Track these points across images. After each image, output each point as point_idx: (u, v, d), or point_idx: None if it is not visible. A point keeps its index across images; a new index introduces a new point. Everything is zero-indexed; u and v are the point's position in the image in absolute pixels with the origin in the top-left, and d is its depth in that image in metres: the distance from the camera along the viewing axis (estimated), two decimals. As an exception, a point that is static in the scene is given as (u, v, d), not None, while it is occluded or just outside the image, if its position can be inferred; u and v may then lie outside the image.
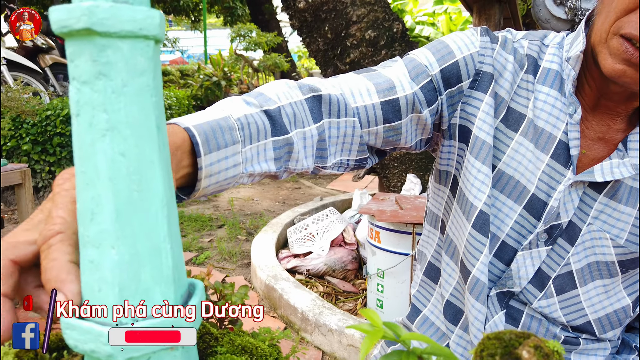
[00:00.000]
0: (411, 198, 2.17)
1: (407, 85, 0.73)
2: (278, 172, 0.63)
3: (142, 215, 0.34)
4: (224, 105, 0.59)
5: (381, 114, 0.71)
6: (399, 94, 0.72)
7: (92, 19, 0.30)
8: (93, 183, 0.33)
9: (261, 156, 0.59)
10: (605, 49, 0.66)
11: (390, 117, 0.72)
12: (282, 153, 0.61)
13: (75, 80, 0.32)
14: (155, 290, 0.35)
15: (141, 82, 0.33)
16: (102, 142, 0.32)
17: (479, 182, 0.77)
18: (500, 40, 0.78)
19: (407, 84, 0.73)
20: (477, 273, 0.78)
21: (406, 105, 0.72)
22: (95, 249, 0.33)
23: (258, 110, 0.59)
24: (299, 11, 2.66)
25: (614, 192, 0.75)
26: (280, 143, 0.60)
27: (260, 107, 0.60)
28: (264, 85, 0.65)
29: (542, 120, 0.76)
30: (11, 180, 2.21)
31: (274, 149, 0.59)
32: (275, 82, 0.67)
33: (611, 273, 0.78)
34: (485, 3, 2.04)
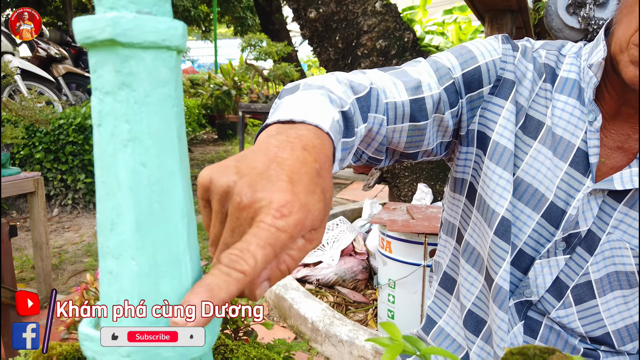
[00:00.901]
0: (422, 208, 2.16)
1: (435, 85, 0.73)
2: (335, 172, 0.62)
3: (163, 226, 0.34)
4: (321, 101, 0.55)
5: (409, 111, 0.71)
6: (425, 93, 0.72)
7: (116, 29, 0.30)
8: (114, 193, 0.33)
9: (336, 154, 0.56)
10: (626, 57, 0.66)
11: (417, 116, 0.72)
12: (345, 154, 0.60)
13: (97, 90, 0.32)
14: (174, 302, 0.34)
15: (163, 92, 0.33)
16: (123, 152, 0.32)
17: (501, 188, 0.76)
18: (521, 49, 0.78)
19: (434, 83, 0.73)
20: (500, 280, 0.78)
21: (432, 105, 0.73)
22: (115, 259, 0.33)
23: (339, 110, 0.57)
24: (310, 21, 2.67)
25: (634, 202, 0.74)
26: (347, 145, 0.59)
27: (340, 107, 0.57)
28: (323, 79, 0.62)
29: (560, 128, 0.76)
30: (24, 188, 2.23)
31: (342, 150, 0.58)
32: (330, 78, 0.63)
33: (631, 284, 0.77)
34: (498, 13, 2.04)
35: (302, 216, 0.36)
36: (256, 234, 0.34)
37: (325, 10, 2.60)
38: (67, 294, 2.58)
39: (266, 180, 0.37)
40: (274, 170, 0.38)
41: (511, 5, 1.94)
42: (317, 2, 2.60)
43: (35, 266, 2.39)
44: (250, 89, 7.62)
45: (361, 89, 0.65)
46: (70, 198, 4.13)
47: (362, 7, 2.59)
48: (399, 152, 0.77)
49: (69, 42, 6.95)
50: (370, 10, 2.60)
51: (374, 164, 0.77)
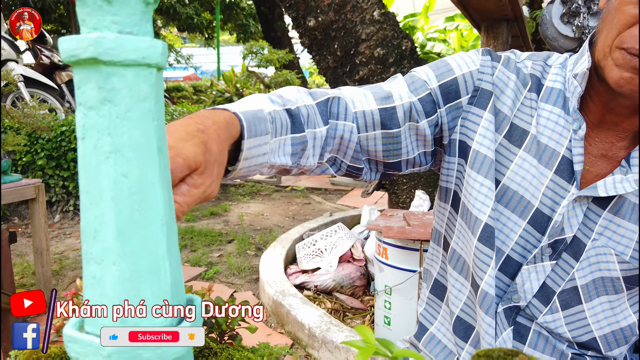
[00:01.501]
0: (419, 214, 2.17)
1: (405, 96, 0.77)
2: (292, 166, 0.68)
3: (143, 234, 0.35)
4: (254, 99, 0.65)
5: (379, 119, 0.75)
6: (396, 102, 0.77)
7: (98, 49, 0.32)
8: (97, 202, 0.35)
9: (281, 150, 0.64)
10: (610, 61, 0.68)
11: (388, 124, 0.76)
12: (298, 149, 0.67)
13: (82, 105, 0.34)
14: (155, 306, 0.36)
15: (144, 107, 0.35)
16: (105, 164, 0.34)
17: (483, 195, 0.78)
18: (503, 60, 0.81)
19: (405, 94, 0.77)
20: (485, 286, 0.79)
21: (403, 113, 0.76)
22: (98, 265, 0.35)
23: (281, 108, 0.66)
24: (309, 29, 2.70)
25: (618, 208, 0.76)
26: (297, 140, 0.66)
27: (283, 106, 0.66)
28: (280, 89, 0.72)
29: (545, 137, 0.78)
30: (25, 195, 2.25)
31: (292, 144, 0.66)
32: (288, 88, 0.73)
33: (616, 289, 0.78)
34: (493, 22, 2.06)
35: (172, 154, 0.45)
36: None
37: (324, 19, 2.63)
38: (66, 300, 2.60)
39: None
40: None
41: (506, 14, 1.96)
42: (316, 10, 2.63)
43: (36, 272, 2.41)
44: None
45: (321, 96, 0.73)
46: (72, 204, 4.16)
47: (360, 15, 2.62)
48: (381, 162, 0.79)
49: (72, 49, 7.00)
50: (368, 19, 2.62)
51: (355, 173, 0.79)
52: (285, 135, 0.65)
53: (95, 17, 0.33)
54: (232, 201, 5.22)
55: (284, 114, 0.65)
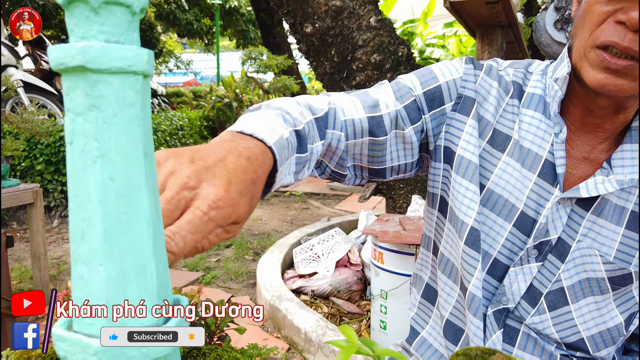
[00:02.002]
0: (415, 219, 2.18)
1: (392, 104, 0.79)
2: (291, 184, 0.68)
3: (129, 235, 0.37)
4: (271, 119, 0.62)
5: (367, 127, 0.77)
6: (383, 111, 0.78)
7: (85, 57, 0.33)
8: (84, 205, 0.36)
9: (287, 170, 0.64)
10: (585, 63, 0.70)
11: (376, 131, 0.77)
12: (300, 168, 0.67)
13: (70, 111, 0.35)
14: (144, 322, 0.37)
15: (130, 113, 0.36)
16: (92, 168, 0.35)
17: (468, 199, 0.80)
18: (485, 68, 0.83)
19: (392, 103, 0.79)
20: (473, 289, 0.80)
21: (390, 121, 0.78)
22: (85, 266, 0.36)
23: (292, 129, 0.65)
24: (306, 36, 2.72)
25: (601, 210, 0.78)
26: (301, 159, 0.66)
27: (293, 127, 0.65)
28: (283, 101, 0.70)
29: (527, 141, 0.80)
30: (23, 199, 2.26)
31: (296, 164, 0.65)
32: (291, 102, 0.71)
33: (602, 290, 0.79)
34: (488, 28, 2.08)
35: (231, 211, 0.43)
36: (190, 221, 0.41)
37: (321, 25, 2.65)
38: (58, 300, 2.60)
39: (211, 175, 0.44)
40: (219, 169, 0.45)
41: (501, 21, 1.98)
42: (313, 17, 2.66)
43: (34, 277, 2.42)
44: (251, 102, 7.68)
45: (319, 111, 0.73)
46: (71, 209, 4.16)
47: (357, 22, 2.64)
48: (366, 168, 0.81)
49: (72, 55, 7.03)
50: (365, 25, 2.65)
51: (338, 178, 0.81)
52: (292, 155, 0.64)
53: (83, 26, 0.34)
54: (231, 206, 5.23)
55: (293, 136, 0.64)
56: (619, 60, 0.66)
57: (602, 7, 0.67)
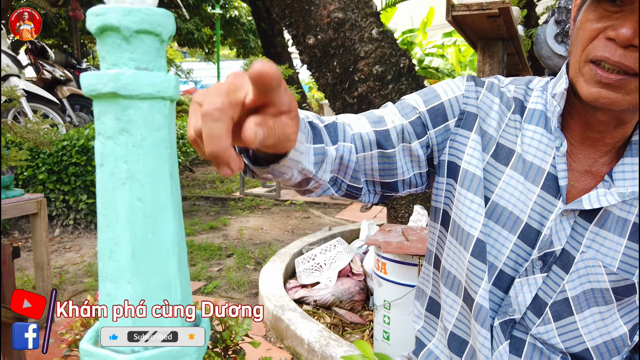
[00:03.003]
0: (417, 229, 2.19)
1: (397, 119, 0.82)
2: (314, 176, 0.68)
3: (156, 254, 0.38)
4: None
5: (375, 139, 0.79)
6: (389, 125, 0.81)
7: (117, 84, 0.35)
8: (113, 225, 0.37)
9: (308, 156, 0.65)
10: (580, 78, 0.73)
11: (384, 144, 0.79)
12: (319, 159, 0.68)
13: (100, 135, 0.37)
14: (165, 322, 0.39)
15: (158, 136, 0.37)
16: (122, 189, 0.37)
17: (473, 212, 0.82)
18: (487, 85, 0.86)
19: (397, 118, 0.82)
20: (480, 300, 0.82)
21: (396, 135, 0.81)
22: (113, 283, 0.38)
23: (307, 119, 0.67)
24: (309, 47, 2.75)
25: (603, 222, 0.79)
26: (318, 150, 0.68)
27: (306, 117, 0.67)
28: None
29: (530, 155, 0.82)
30: (27, 209, 2.27)
31: (314, 154, 0.67)
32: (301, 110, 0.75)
33: (606, 300, 0.81)
34: (489, 41, 2.10)
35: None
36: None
37: (324, 37, 2.67)
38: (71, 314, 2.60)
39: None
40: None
41: (502, 34, 2.01)
42: (315, 29, 2.68)
43: (36, 286, 2.42)
44: (251, 110, 7.69)
45: (327, 120, 0.76)
46: (72, 218, 4.17)
47: (359, 34, 2.67)
48: (379, 182, 0.83)
49: (74, 64, 7.07)
50: (367, 37, 2.67)
51: (355, 193, 0.82)
52: (310, 144, 0.66)
53: (115, 54, 0.36)
54: (232, 215, 5.24)
55: (307, 124, 0.66)
56: (611, 75, 0.69)
57: (593, 24, 0.70)
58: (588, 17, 0.71)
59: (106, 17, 0.35)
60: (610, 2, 0.68)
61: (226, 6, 11.81)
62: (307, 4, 2.65)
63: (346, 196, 0.83)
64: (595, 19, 0.70)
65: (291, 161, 0.59)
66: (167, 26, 0.37)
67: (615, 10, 0.68)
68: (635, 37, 0.66)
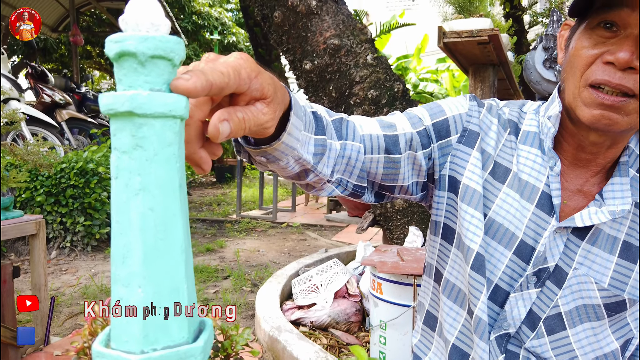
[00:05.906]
0: (412, 250, 2.22)
1: (407, 127, 0.84)
2: (312, 167, 0.70)
3: (165, 260, 0.41)
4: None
5: (384, 144, 0.81)
6: (399, 131, 0.83)
7: (133, 104, 0.39)
8: (126, 232, 0.40)
9: (307, 146, 0.66)
10: (580, 102, 0.76)
11: (392, 149, 0.81)
12: (318, 151, 0.69)
13: (116, 150, 0.40)
14: (173, 324, 0.41)
15: (169, 151, 0.41)
16: (135, 200, 0.40)
17: (474, 226, 0.85)
18: (487, 106, 0.90)
19: (408, 126, 0.85)
20: (479, 313, 0.84)
21: (405, 142, 0.83)
22: (125, 287, 0.41)
23: (310, 109, 0.69)
24: (305, 72, 2.81)
25: (595, 239, 0.83)
26: (319, 142, 0.69)
27: (311, 108, 0.70)
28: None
29: (525, 174, 0.85)
30: (26, 230, 2.29)
31: (315, 145, 0.68)
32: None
33: (598, 316, 0.84)
34: (480, 66, 2.17)
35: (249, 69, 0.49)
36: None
37: (320, 63, 2.74)
38: (62, 336, 2.60)
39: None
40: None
41: (492, 60, 2.08)
42: (312, 54, 2.76)
43: (33, 308, 2.41)
44: (248, 134, 7.77)
45: (336, 115, 0.78)
46: (69, 240, 4.17)
47: (354, 59, 2.74)
48: (378, 183, 0.85)
49: (73, 88, 7.15)
50: (362, 63, 2.74)
51: (359, 192, 0.84)
52: (311, 134, 0.67)
53: (131, 77, 0.40)
54: (228, 237, 5.24)
55: (310, 114, 0.67)
56: (612, 97, 0.72)
57: (589, 50, 0.75)
58: (583, 44, 0.75)
59: (124, 44, 0.39)
60: (605, 29, 0.73)
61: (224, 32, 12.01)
62: (304, 31, 2.73)
63: (351, 196, 0.84)
64: (591, 45, 0.74)
65: (284, 146, 0.61)
66: (179, 52, 0.41)
67: (610, 36, 0.72)
68: (634, 59, 0.70)
